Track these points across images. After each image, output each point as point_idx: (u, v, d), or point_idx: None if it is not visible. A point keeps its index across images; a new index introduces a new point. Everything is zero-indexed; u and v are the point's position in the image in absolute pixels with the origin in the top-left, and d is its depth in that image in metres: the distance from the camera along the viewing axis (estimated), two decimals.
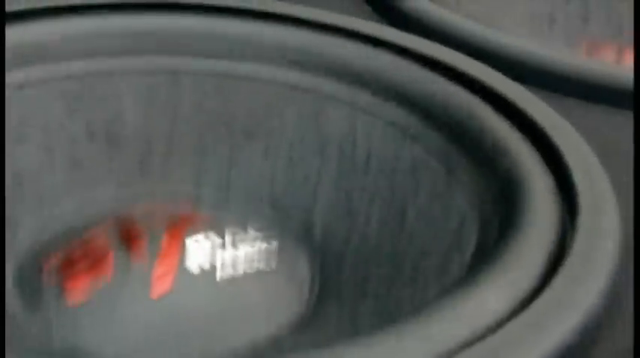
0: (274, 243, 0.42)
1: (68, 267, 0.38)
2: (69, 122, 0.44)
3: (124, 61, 0.45)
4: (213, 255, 0.40)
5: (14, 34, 0.43)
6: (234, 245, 0.40)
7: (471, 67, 0.43)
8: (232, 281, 0.39)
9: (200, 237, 0.40)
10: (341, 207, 0.43)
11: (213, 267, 0.39)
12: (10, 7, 0.43)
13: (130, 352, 0.35)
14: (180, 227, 0.40)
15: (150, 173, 0.45)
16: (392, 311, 0.36)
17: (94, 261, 0.38)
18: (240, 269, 0.40)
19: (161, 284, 0.38)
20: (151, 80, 0.45)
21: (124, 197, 0.44)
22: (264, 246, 0.41)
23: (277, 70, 0.45)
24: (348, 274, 0.40)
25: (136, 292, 0.38)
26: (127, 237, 0.39)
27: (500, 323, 0.29)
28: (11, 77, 0.42)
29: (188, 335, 0.37)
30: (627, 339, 0.31)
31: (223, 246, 0.40)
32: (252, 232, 0.42)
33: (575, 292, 0.30)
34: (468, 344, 0.28)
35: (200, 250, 0.39)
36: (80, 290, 0.37)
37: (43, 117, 0.43)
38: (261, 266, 0.41)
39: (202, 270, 0.39)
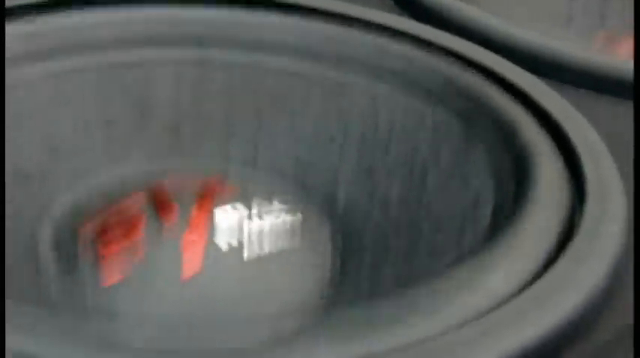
0: (298, 216, 0.43)
1: (103, 234, 0.40)
2: (103, 106, 0.46)
3: (154, 51, 0.46)
4: (240, 225, 0.41)
5: (49, 23, 0.44)
6: (260, 216, 0.42)
7: (489, 58, 0.45)
8: (257, 252, 0.41)
9: (228, 207, 0.42)
10: (362, 181, 0.44)
11: (240, 236, 0.41)
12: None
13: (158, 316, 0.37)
14: (209, 197, 0.42)
15: (180, 147, 0.47)
16: (409, 283, 0.38)
17: (128, 229, 0.40)
18: (265, 240, 0.41)
19: (191, 254, 0.40)
20: (179, 70, 0.46)
21: (156, 169, 0.46)
22: (288, 217, 0.43)
23: (301, 62, 0.47)
24: (369, 246, 0.42)
25: (166, 260, 0.40)
26: (159, 205, 0.41)
27: (504, 300, 0.31)
28: (45, 66, 0.44)
29: (214, 302, 0.39)
30: (627, 318, 0.32)
31: (250, 216, 0.42)
32: (277, 204, 0.43)
33: (579, 272, 0.32)
34: (473, 318, 0.30)
35: (228, 220, 0.41)
36: (114, 257, 0.39)
37: (79, 104, 0.45)
38: (286, 237, 0.42)
39: (229, 239, 0.41)
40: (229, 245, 0.41)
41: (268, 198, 0.44)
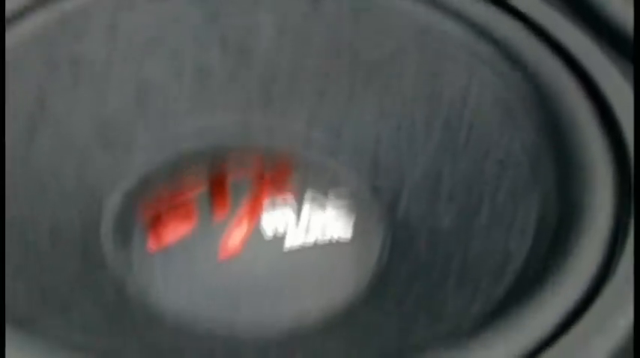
0: (353, 215, 0.43)
1: (157, 216, 0.41)
2: (203, 32, 0.45)
3: None
4: (289, 220, 0.41)
5: None
6: (311, 213, 0.42)
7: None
8: (303, 248, 0.41)
9: (281, 200, 0.42)
10: (430, 183, 0.43)
11: (287, 232, 0.41)
12: None
13: (192, 307, 0.39)
14: (266, 187, 0.42)
15: (270, 101, 0.46)
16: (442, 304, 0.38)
17: (180, 214, 0.41)
18: (313, 237, 0.42)
19: (232, 244, 0.40)
20: (283, 20, 0.46)
21: (241, 126, 0.46)
22: (342, 214, 0.43)
23: (414, 5, 0.45)
24: (415, 257, 0.42)
25: (210, 248, 0.41)
26: (215, 191, 0.42)
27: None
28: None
29: (247, 297, 0.40)
30: None
31: (300, 213, 0.42)
32: (335, 198, 0.43)
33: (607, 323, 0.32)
34: None
35: (278, 213, 0.41)
36: (163, 239, 0.41)
37: (179, 26, 0.45)
38: (336, 231, 0.42)
39: (275, 234, 0.41)
40: (274, 239, 0.41)
41: (331, 188, 0.43)
